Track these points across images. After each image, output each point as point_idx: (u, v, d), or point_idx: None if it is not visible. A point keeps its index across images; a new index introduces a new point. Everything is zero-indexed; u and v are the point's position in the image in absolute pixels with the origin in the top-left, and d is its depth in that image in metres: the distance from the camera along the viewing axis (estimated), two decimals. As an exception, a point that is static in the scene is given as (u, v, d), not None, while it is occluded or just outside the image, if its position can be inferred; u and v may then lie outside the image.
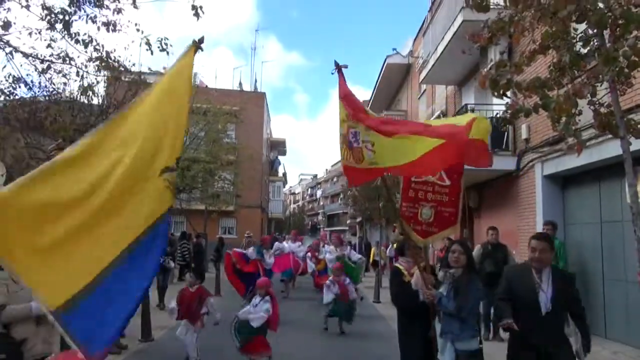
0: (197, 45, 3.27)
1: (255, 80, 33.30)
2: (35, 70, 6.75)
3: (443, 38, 12.60)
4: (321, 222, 76.12)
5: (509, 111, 4.32)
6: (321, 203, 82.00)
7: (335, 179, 74.62)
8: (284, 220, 49.94)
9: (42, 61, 6.83)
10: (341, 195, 68.89)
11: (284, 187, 44.89)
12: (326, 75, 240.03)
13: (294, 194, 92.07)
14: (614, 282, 7.97)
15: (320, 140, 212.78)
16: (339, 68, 4.01)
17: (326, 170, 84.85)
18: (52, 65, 6.89)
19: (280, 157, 42.65)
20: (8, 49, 6.62)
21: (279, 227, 49.67)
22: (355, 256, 11.81)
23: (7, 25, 7.79)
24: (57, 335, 3.39)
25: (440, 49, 13.05)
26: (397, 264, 4.76)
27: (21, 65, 7.97)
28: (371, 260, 20.13)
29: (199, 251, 17.01)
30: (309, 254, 14.12)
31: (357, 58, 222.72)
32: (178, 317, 6.38)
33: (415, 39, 22.05)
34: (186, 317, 6.32)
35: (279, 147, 42.12)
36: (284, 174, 46.32)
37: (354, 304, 8.51)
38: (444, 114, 17.07)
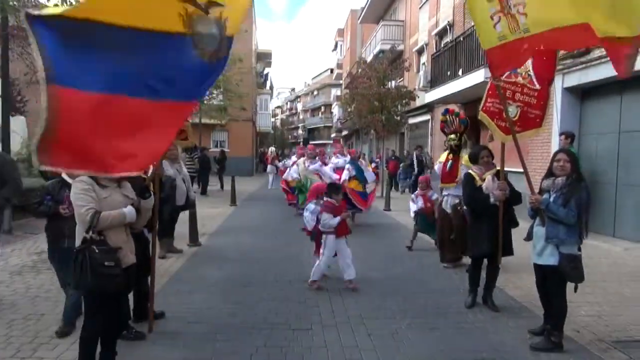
0: None
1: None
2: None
3: (464, -57, 12.15)
4: (301, 135, 76.11)
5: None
6: (301, 117, 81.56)
7: (316, 92, 73.75)
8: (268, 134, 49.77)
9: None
10: (323, 109, 68.79)
11: (271, 100, 44.24)
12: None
13: (277, 107, 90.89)
14: (628, 187, 8.64)
15: (298, 52, 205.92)
16: None
17: (305, 83, 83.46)
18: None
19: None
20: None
21: (263, 141, 49.70)
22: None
23: None
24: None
25: (459, -46, 12.61)
26: (469, 171, 5.15)
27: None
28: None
29: (205, 164, 17.21)
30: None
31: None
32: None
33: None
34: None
35: (265, 58, 40.96)
36: (271, 87, 45.49)
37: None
38: (451, 25, 16.87)
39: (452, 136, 6.65)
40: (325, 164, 11.62)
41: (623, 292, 5.71)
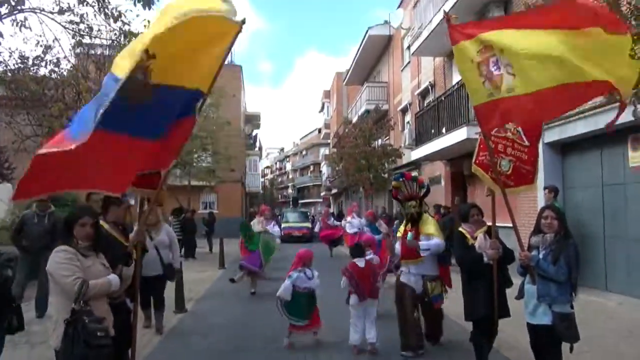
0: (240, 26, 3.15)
1: (232, 53, 32.56)
2: (73, 37, 6.59)
3: (440, 9, 12.82)
4: (291, 195, 76.26)
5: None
6: (290, 176, 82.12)
7: (304, 152, 74.74)
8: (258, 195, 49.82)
9: (74, 35, 6.69)
10: (311, 168, 69.47)
11: (260, 160, 44.66)
12: (290, 39, 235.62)
13: (267, 167, 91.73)
14: (615, 240, 8.66)
15: (285, 113, 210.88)
16: (447, 19, 4.05)
17: (294, 143, 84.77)
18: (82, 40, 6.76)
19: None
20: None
21: (252, 201, 49.63)
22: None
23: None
24: None
25: (436, 19, 13.29)
26: (460, 229, 5.06)
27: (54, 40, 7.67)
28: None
29: (191, 226, 17.06)
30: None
31: (321, 20, 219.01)
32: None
33: (399, 8, 22.08)
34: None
35: (253, 120, 41.76)
36: (260, 148, 46.06)
37: None
38: (433, 86, 17.46)
39: (412, 202, 5.64)
40: (330, 226, 13.57)
41: (621, 350, 5.57)
